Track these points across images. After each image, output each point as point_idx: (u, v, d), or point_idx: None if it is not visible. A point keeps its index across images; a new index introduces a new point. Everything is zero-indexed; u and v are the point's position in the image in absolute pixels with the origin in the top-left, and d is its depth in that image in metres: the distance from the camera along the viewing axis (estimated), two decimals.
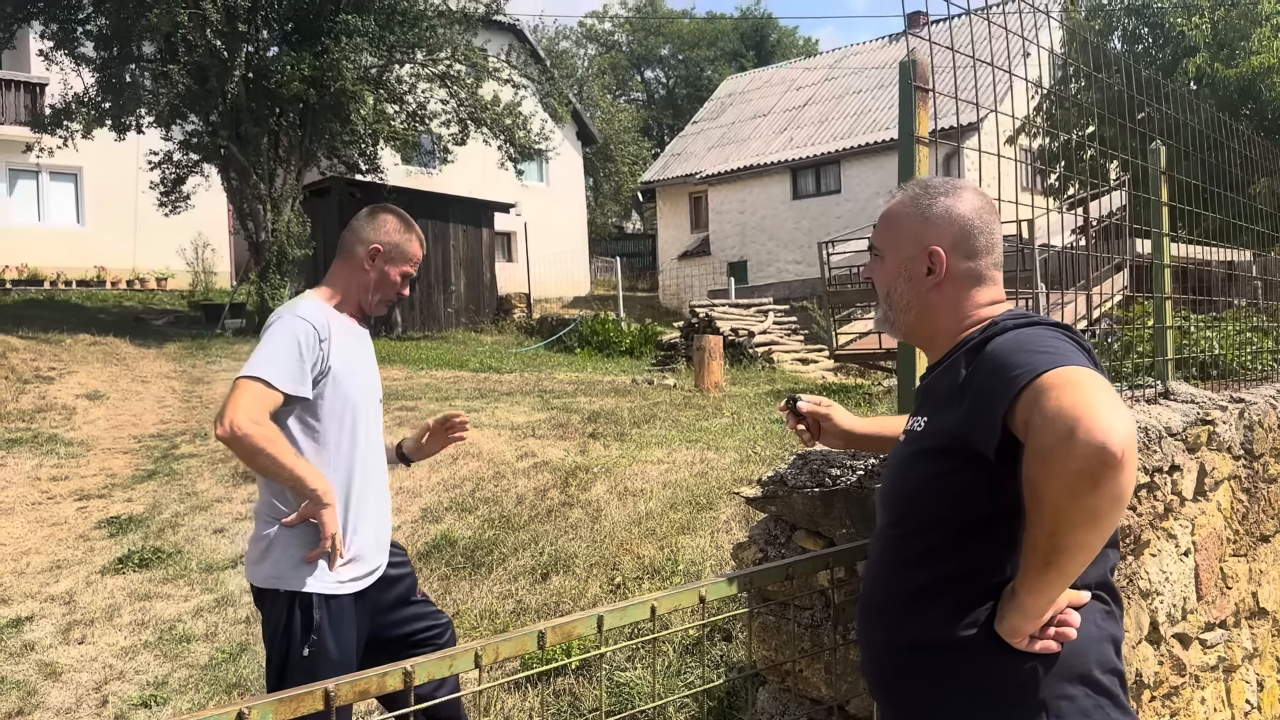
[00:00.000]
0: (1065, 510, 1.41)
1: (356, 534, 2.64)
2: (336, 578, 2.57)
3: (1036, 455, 1.42)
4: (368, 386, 2.76)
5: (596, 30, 48.04)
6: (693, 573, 4.35)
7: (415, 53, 16.94)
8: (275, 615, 2.55)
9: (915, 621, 1.66)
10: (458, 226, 20.26)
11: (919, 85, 2.44)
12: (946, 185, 1.79)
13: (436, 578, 5.02)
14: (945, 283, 1.75)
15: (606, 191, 37.10)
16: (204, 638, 5.01)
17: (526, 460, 6.38)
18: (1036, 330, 1.62)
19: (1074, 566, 1.47)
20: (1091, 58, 4.12)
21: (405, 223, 2.78)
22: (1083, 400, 1.40)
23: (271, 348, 2.53)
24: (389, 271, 2.72)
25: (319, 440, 2.60)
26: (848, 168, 24.74)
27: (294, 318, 2.58)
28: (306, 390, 2.54)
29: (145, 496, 7.38)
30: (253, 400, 2.45)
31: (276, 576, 2.55)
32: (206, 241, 21.61)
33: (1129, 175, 3.63)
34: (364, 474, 2.69)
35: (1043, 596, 1.51)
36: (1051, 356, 1.50)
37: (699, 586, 1.93)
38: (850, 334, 10.84)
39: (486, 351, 16.49)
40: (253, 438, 2.41)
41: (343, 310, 2.72)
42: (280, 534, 2.55)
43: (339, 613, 2.57)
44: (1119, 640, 1.66)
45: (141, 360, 13.13)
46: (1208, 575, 3.64)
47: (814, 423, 2.21)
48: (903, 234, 1.79)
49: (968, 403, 1.59)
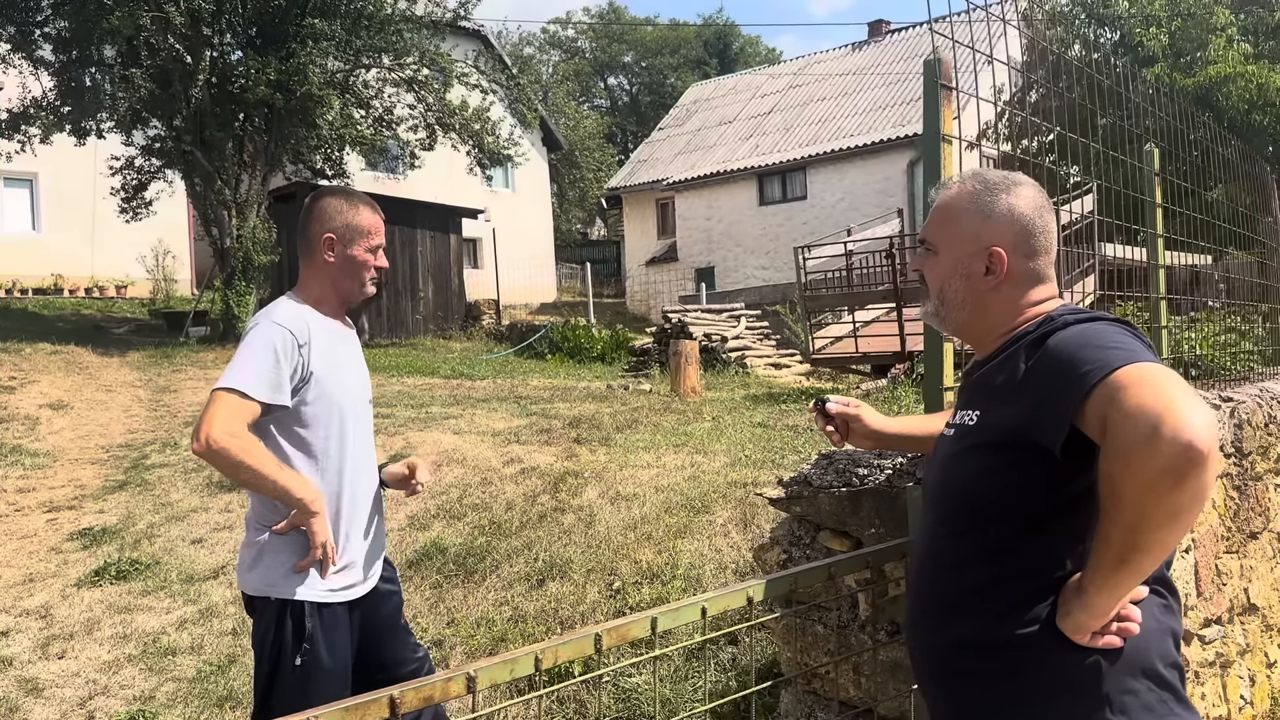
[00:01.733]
0: (1146, 508, 1.40)
1: (350, 541, 2.58)
2: (329, 585, 2.50)
3: (1117, 452, 1.41)
4: (355, 389, 2.68)
5: (560, 37, 48.09)
6: (693, 576, 4.32)
7: (382, 57, 16.81)
8: (266, 623, 2.49)
9: (970, 620, 1.65)
10: (425, 232, 20.11)
11: (944, 83, 2.44)
12: (1006, 181, 1.77)
13: (428, 586, 4.95)
14: (1004, 283, 1.74)
15: (572, 198, 37.05)
16: (189, 650, 4.89)
17: (513, 466, 6.32)
18: (1100, 326, 1.61)
19: (1149, 564, 1.47)
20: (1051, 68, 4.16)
21: (348, 198, 2.68)
22: (1165, 397, 1.39)
23: (247, 357, 2.45)
24: (353, 253, 2.61)
25: (307, 448, 2.53)
26: (813, 174, 24.92)
27: (271, 324, 2.50)
28: (285, 398, 2.46)
29: (118, 507, 7.20)
30: (228, 412, 2.37)
31: (267, 584, 2.48)
32: (167, 249, 21.24)
33: (1094, 180, 3.65)
34: (355, 479, 2.62)
35: (1113, 594, 1.51)
36: (1123, 353, 1.50)
37: (745, 587, 1.91)
38: (825, 338, 10.90)
39: (457, 358, 16.35)
40: (230, 451, 2.33)
41: (324, 311, 2.63)
42: (271, 541, 2.48)
43: (332, 621, 2.51)
44: (1178, 634, 1.66)
45: (105, 369, 12.85)
46: (1206, 572, 3.68)
47: (843, 423, 2.20)
48: (961, 231, 1.76)
49: (1029, 397, 1.58)
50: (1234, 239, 5.25)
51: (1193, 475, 1.36)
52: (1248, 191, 5.77)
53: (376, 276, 2.68)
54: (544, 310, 25.05)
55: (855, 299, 10.54)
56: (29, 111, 15.51)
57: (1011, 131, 11.42)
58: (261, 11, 15.56)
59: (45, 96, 15.71)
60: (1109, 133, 3.70)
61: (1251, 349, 5.57)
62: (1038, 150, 10.85)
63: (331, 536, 2.51)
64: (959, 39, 2.53)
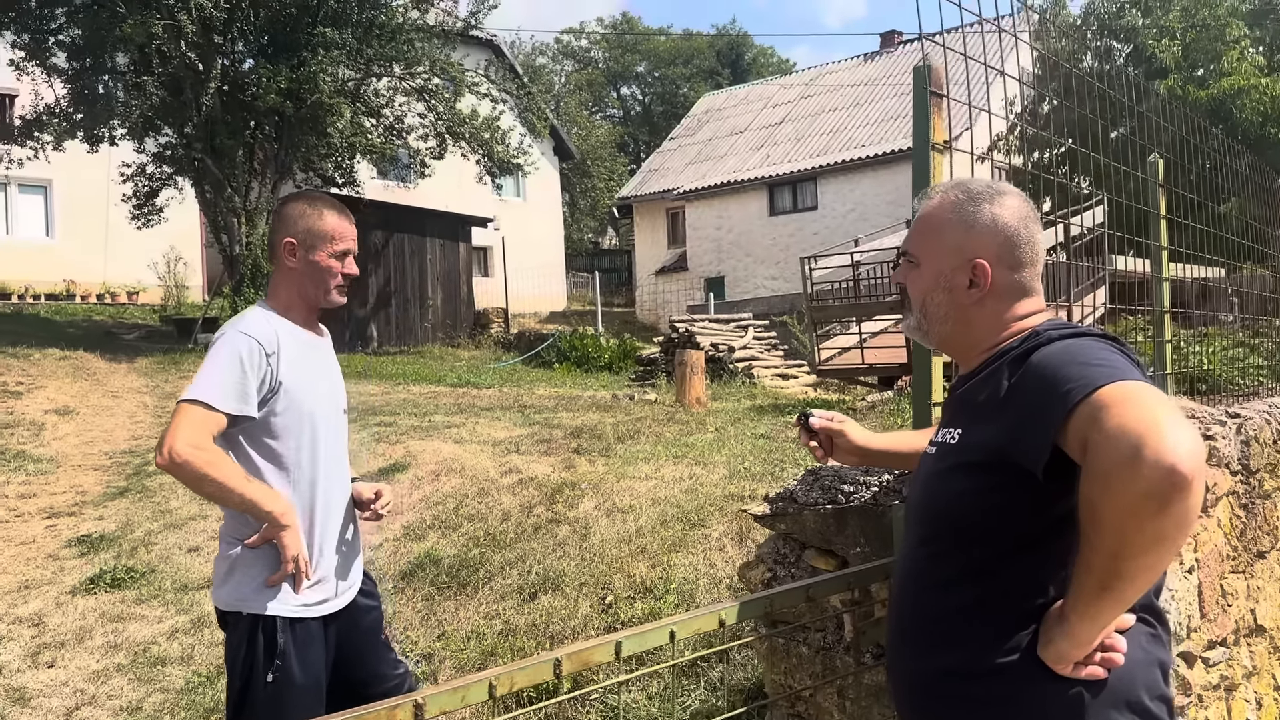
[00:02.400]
0: (1128, 534, 1.33)
1: (323, 554, 2.53)
2: (302, 600, 2.45)
3: (1097, 475, 1.35)
4: (327, 398, 2.62)
5: (573, 47, 48.20)
6: (686, 591, 4.25)
7: (393, 66, 16.86)
8: (237, 639, 2.44)
9: (950, 647, 1.59)
10: (435, 241, 20.13)
11: (934, 91, 2.38)
12: (990, 190, 1.71)
13: (420, 598, 4.89)
14: (988, 296, 1.68)
15: (583, 207, 37.08)
16: (179, 660, 4.84)
17: (511, 476, 6.26)
18: (1085, 341, 1.55)
19: (1133, 592, 1.40)
20: (1063, 80, 4.10)
21: (311, 202, 2.62)
22: (1147, 417, 1.32)
23: (213, 368, 2.40)
24: (316, 259, 2.55)
25: (278, 459, 2.48)
26: (824, 185, 24.86)
27: (237, 334, 2.45)
28: (252, 409, 2.41)
29: (117, 514, 7.18)
30: (193, 424, 2.32)
31: (239, 599, 2.43)
32: (179, 255, 21.33)
33: (1105, 193, 3.58)
34: (328, 490, 2.57)
35: (1095, 622, 1.44)
36: (1107, 370, 1.43)
37: (718, 610, 1.84)
38: (832, 349, 10.81)
39: (464, 366, 16.33)
40: (193, 463, 2.29)
41: (293, 318, 2.58)
42: (243, 555, 2.43)
43: (305, 637, 2.45)
44: (1167, 665, 1.59)
45: (112, 375, 12.87)
46: (1210, 592, 3.59)
47: (826, 439, 2.13)
48: (943, 242, 1.70)
49: (1011, 416, 1.52)
50: (1245, 252, 5.17)
51: (1176, 500, 1.29)
52: (1259, 205, 5.68)
53: (344, 284, 2.61)
54: (553, 319, 25.04)
55: (862, 310, 10.45)
56: (42, 118, 15.60)
57: (1023, 144, 11.34)
58: (273, 20, 15.64)
59: (59, 103, 15.81)
60: (1120, 145, 3.63)
61: (1261, 364, 5.47)
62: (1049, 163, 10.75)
63: (304, 550, 2.46)
64: (970, 53, 2.47)
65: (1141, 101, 3.82)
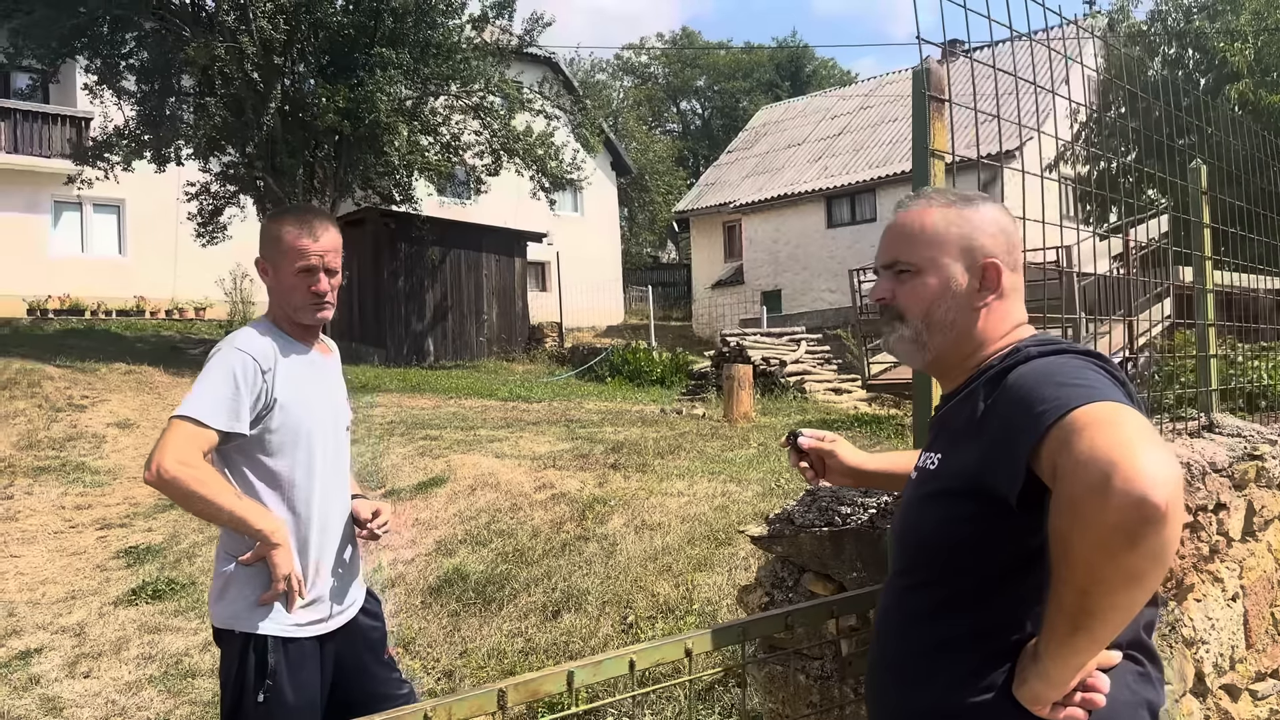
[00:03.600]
0: (1099, 568, 1.22)
1: (319, 572, 2.49)
2: (295, 620, 2.42)
3: (1066, 505, 1.24)
4: (325, 415, 2.58)
5: (633, 63, 48.40)
6: (708, 612, 4.16)
7: (449, 84, 17.06)
8: (230, 657, 2.42)
9: (925, 685, 1.49)
10: (490, 256, 20.32)
11: (934, 95, 2.28)
12: (975, 194, 1.65)
13: (446, 614, 4.87)
14: (995, 299, 1.60)
15: (641, 221, 37.14)
16: (210, 673, 4.88)
17: (544, 491, 6.23)
18: (1065, 359, 1.44)
19: (1107, 631, 1.29)
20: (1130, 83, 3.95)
21: (278, 219, 2.58)
22: (1119, 442, 1.21)
23: (206, 384, 2.38)
24: (283, 276, 2.51)
25: (273, 477, 2.46)
26: (883, 196, 24.49)
27: (231, 350, 2.43)
28: (244, 426, 2.38)
29: (165, 526, 7.32)
30: (182, 441, 2.30)
31: (232, 617, 2.41)
32: (245, 272, 21.83)
33: (1170, 201, 3.42)
34: (324, 508, 2.53)
35: (1070, 662, 1.33)
36: (1083, 390, 1.32)
37: (685, 639, 1.76)
38: (883, 363, 10.60)
39: (517, 380, 16.41)
40: (182, 480, 2.26)
41: (288, 332, 2.56)
42: (238, 572, 2.41)
43: (299, 657, 2.42)
44: (1156, 706, 1.47)
45: (174, 389, 13.18)
46: (1257, 621, 3.39)
47: (818, 459, 2.03)
48: (948, 246, 1.60)
49: (986, 440, 1.42)
50: None
51: (1149, 534, 1.18)
52: None
53: (316, 302, 2.52)
54: (609, 333, 25.08)
55: None
56: (112, 140, 16.12)
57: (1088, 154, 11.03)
58: (332, 41, 15.95)
59: (128, 125, 16.32)
60: (1185, 155, 3.47)
61: None
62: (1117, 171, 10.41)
63: (298, 568, 2.43)
64: (1033, 60, 2.37)
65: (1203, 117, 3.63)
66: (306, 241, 2.51)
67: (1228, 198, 3.91)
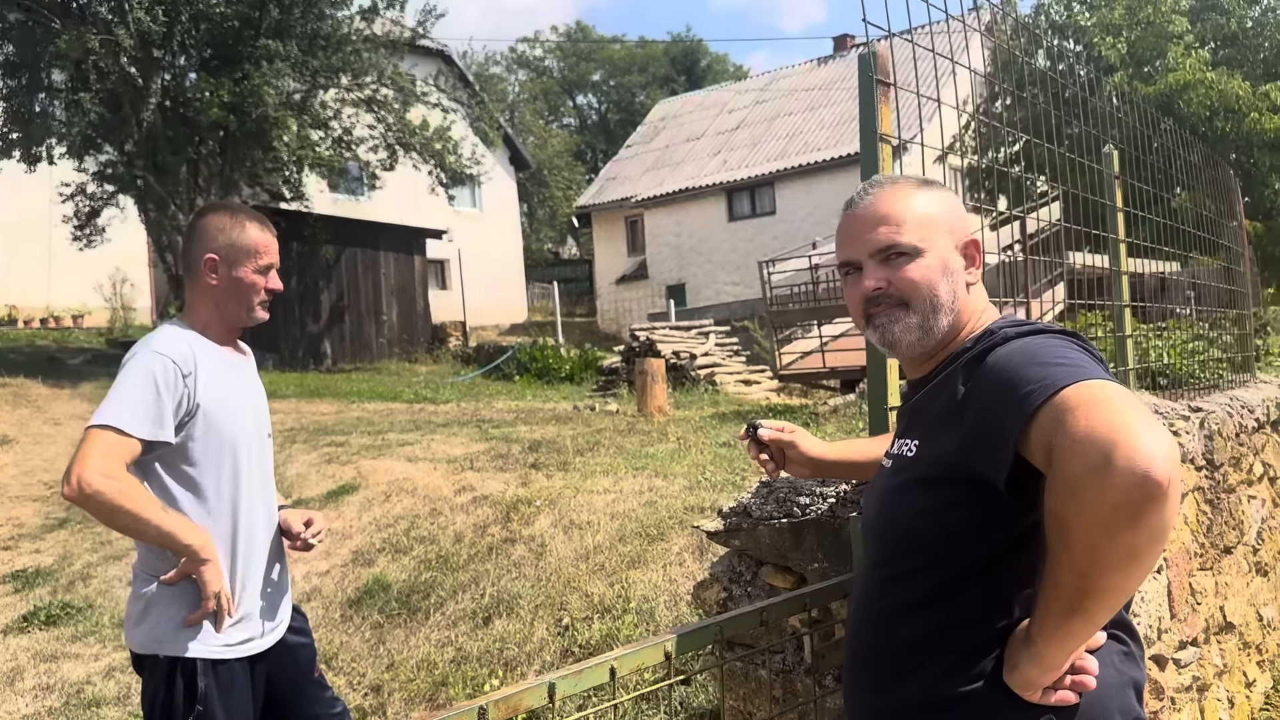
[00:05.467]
0: (1100, 549, 1.20)
1: (246, 588, 2.35)
2: (224, 640, 2.27)
3: (1064, 486, 1.21)
4: (249, 422, 2.44)
5: (527, 56, 47.98)
6: (645, 610, 4.09)
7: (340, 77, 16.57)
8: (155, 683, 2.25)
9: (910, 677, 1.45)
10: (388, 254, 19.82)
11: (880, 79, 2.25)
12: (919, 176, 1.68)
13: (369, 626, 4.69)
14: (974, 278, 1.61)
15: (541, 217, 36.86)
16: (116, 700, 4.60)
17: (465, 495, 6.07)
18: (1044, 339, 1.41)
19: (1104, 612, 1.28)
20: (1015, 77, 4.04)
21: (233, 214, 2.45)
22: (1118, 420, 1.19)
23: (125, 390, 2.22)
24: (239, 275, 2.39)
25: (197, 488, 2.30)
26: (781, 189, 24.87)
27: (150, 353, 2.27)
28: (168, 434, 2.23)
29: (55, 547, 6.89)
30: (104, 452, 2.14)
31: (155, 640, 2.24)
32: (125, 276, 20.82)
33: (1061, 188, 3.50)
34: (251, 520, 2.39)
35: (1065, 645, 1.31)
36: (1070, 369, 1.30)
37: (663, 641, 1.69)
38: (793, 354, 10.73)
39: (421, 382, 16.06)
40: (105, 494, 2.10)
41: (212, 336, 2.41)
42: (159, 593, 2.24)
43: (229, 679, 2.27)
44: (1140, 683, 1.47)
45: (54, 401, 12.48)
46: (1179, 592, 3.50)
47: (778, 450, 1.98)
48: (939, 225, 1.58)
49: (969, 424, 1.38)
50: (1200, 244, 5.13)
51: (1151, 511, 1.16)
52: (1212, 197, 5.65)
53: (267, 300, 2.45)
54: (514, 331, 24.79)
55: (822, 313, 10.38)
56: None
57: (979, 143, 11.39)
58: (214, 33, 15.28)
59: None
60: (1075, 141, 3.55)
61: (1220, 356, 5.43)
62: (1005, 160, 10.77)
63: (226, 586, 2.28)
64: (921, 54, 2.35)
65: (1095, 95, 3.75)
66: (270, 239, 2.44)
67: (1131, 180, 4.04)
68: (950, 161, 10.88)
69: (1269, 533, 4.80)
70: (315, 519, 2.59)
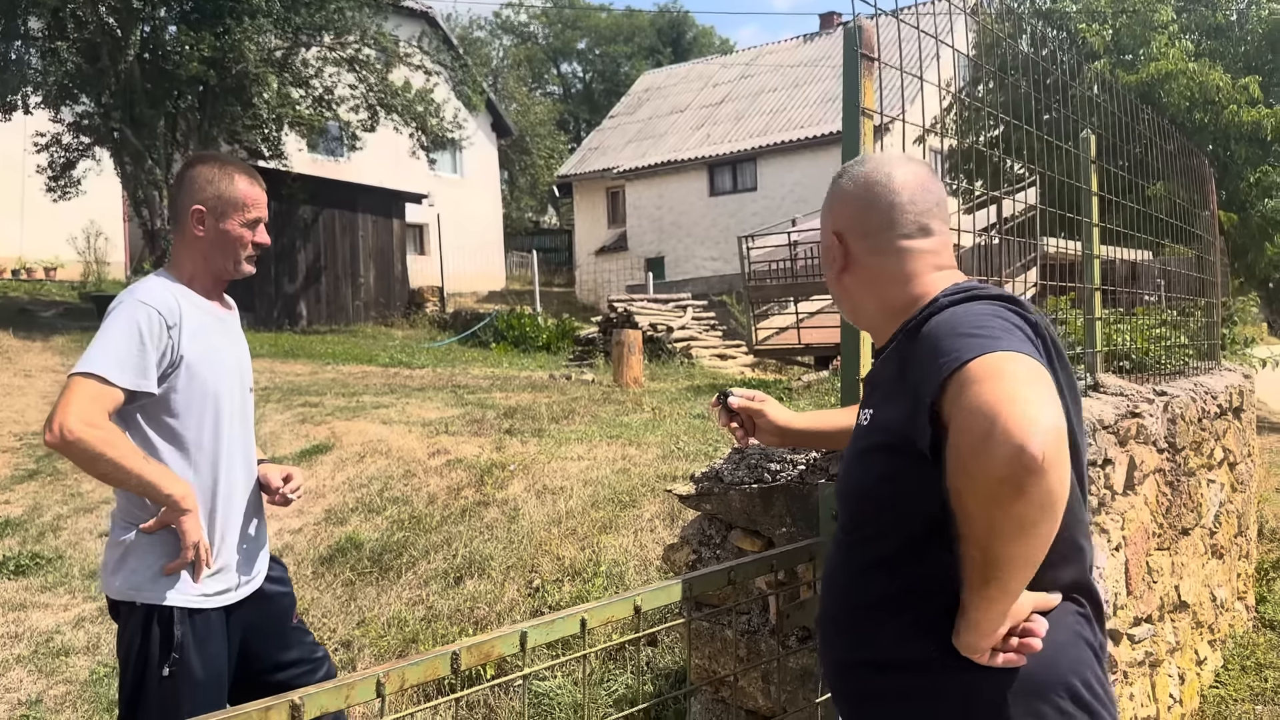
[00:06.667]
0: (993, 520, 1.25)
1: (224, 540, 2.38)
2: (201, 590, 2.30)
3: (956, 458, 1.27)
4: (232, 375, 2.46)
5: (512, 22, 47.45)
6: (615, 574, 4.15)
7: (322, 35, 16.35)
8: (131, 630, 2.28)
9: (872, 637, 1.51)
10: (367, 217, 19.66)
11: (865, 53, 2.28)
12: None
13: (340, 583, 4.72)
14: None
15: (522, 185, 36.62)
16: (85, 650, 4.61)
17: (439, 458, 6.09)
18: (973, 306, 1.45)
19: (1016, 580, 1.32)
20: (998, 61, 4.07)
21: (222, 166, 2.45)
22: (1002, 394, 1.23)
23: (109, 338, 2.23)
24: (226, 228, 2.39)
25: (178, 439, 2.32)
26: (764, 165, 24.85)
27: (136, 303, 2.28)
28: (151, 385, 2.25)
29: (25, 498, 6.85)
30: (87, 400, 2.15)
31: (133, 588, 2.27)
32: (99, 230, 20.52)
33: (1040, 170, 3.54)
34: (230, 473, 2.41)
35: (991, 611, 1.35)
36: (979, 340, 1.33)
37: (633, 596, 1.73)
38: (769, 329, 10.79)
39: (397, 346, 16.02)
40: (87, 441, 2.12)
41: (197, 289, 2.42)
42: (138, 541, 2.27)
43: (205, 629, 2.31)
44: (1098, 646, 1.51)
45: (26, 354, 12.34)
46: (1136, 570, 3.59)
47: (748, 419, 2.02)
48: None
49: (909, 393, 1.42)
50: (1173, 233, 5.20)
51: (1032, 483, 1.20)
52: (1187, 187, 5.73)
53: (254, 254, 2.46)
54: (492, 298, 24.71)
55: (799, 290, 10.44)
56: None
57: (959, 125, 11.41)
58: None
59: None
60: (1054, 126, 3.59)
61: (1186, 343, 5.53)
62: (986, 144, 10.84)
63: (205, 536, 2.30)
64: (906, 38, 2.37)
65: (1076, 80, 3.79)
66: (259, 192, 2.45)
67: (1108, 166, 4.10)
68: (930, 143, 10.92)
69: (1226, 516, 4.92)
70: (295, 474, 2.61)
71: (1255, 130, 13.87)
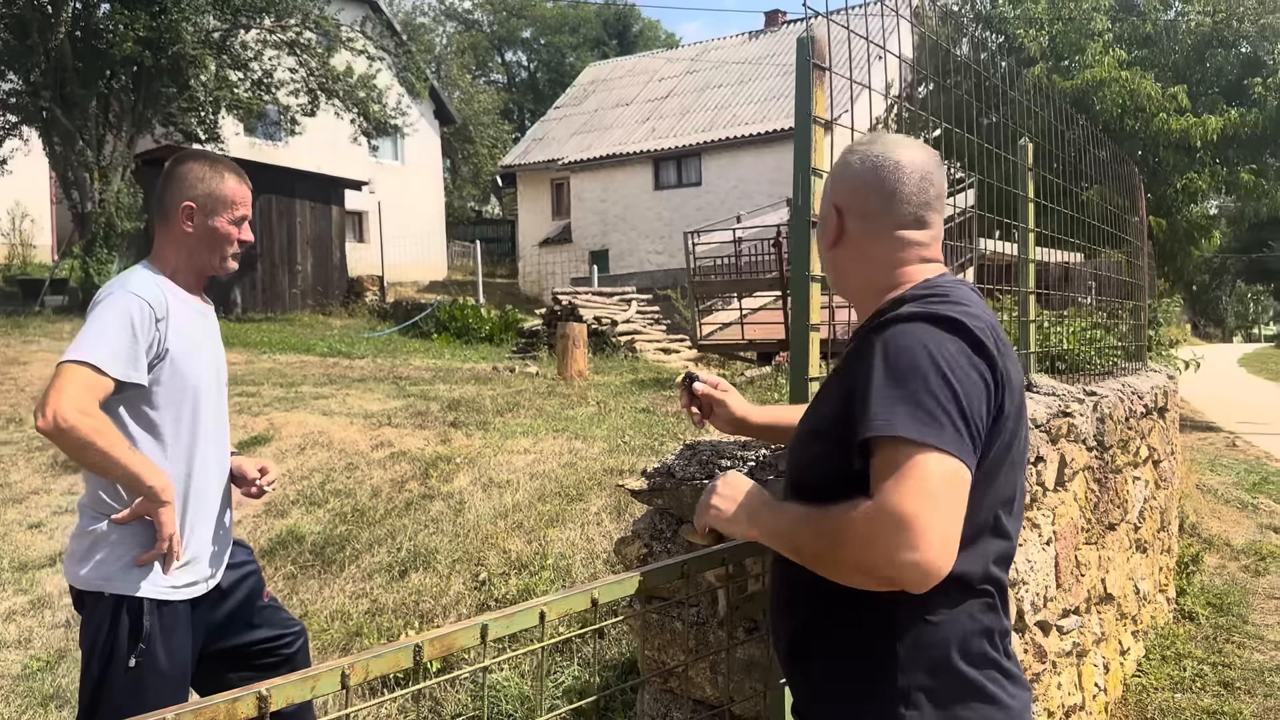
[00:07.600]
0: (826, 562, 1.43)
1: (195, 533, 2.39)
2: (171, 582, 2.31)
3: (859, 513, 1.37)
4: (211, 370, 2.49)
5: (456, 8, 46.92)
6: (562, 567, 4.18)
7: (262, 18, 16.02)
8: (98, 621, 2.27)
9: (804, 612, 1.61)
10: (304, 203, 19.30)
11: (817, 63, 2.34)
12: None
13: (282, 576, 4.68)
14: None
15: (465, 174, 36.30)
16: (17, 644, 4.51)
17: (382, 450, 6.05)
18: (925, 337, 1.46)
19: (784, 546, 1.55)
20: (940, 63, 4.16)
21: (213, 164, 2.48)
22: (914, 506, 1.32)
23: (101, 328, 2.24)
24: (215, 225, 2.43)
25: (155, 430, 2.33)
26: (708, 161, 24.97)
27: (127, 294, 2.29)
28: (141, 376, 2.27)
29: None
30: (80, 388, 2.16)
31: (102, 578, 2.27)
32: (25, 212, 19.89)
33: (977, 175, 3.65)
34: (204, 467, 2.43)
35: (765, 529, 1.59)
36: (911, 413, 1.38)
37: (591, 589, 1.77)
38: (713, 324, 10.89)
39: (336, 335, 15.80)
40: (79, 430, 2.12)
41: (180, 283, 2.44)
42: (109, 531, 2.27)
43: (172, 620, 2.31)
44: (997, 630, 1.57)
45: None
46: (1066, 563, 3.73)
47: (707, 404, 2.08)
48: (826, 196, 1.77)
49: (846, 391, 1.49)
50: (1105, 238, 5.37)
51: (909, 584, 1.33)
52: (1118, 192, 5.91)
53: (239, 251, 2.50)
54: (433, 289, 24.47)
55: (743, 286, 10.55)
56: None
57: (900, 126, 11.58)
58: None
59: None
60: (992, 130, 3.70)
61: (1116, 344, 5.72)
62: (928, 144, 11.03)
63: (177, 529, 2.30)
64: (853, 32, 2.43)
65: (1014, 87, 3.91)
66: (246, 190, 2.50)
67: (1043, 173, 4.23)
68: None
69: (1150, 512, 5.12)
70: (269, 467, 2.65)
71: (1183, 138, 14.33)
